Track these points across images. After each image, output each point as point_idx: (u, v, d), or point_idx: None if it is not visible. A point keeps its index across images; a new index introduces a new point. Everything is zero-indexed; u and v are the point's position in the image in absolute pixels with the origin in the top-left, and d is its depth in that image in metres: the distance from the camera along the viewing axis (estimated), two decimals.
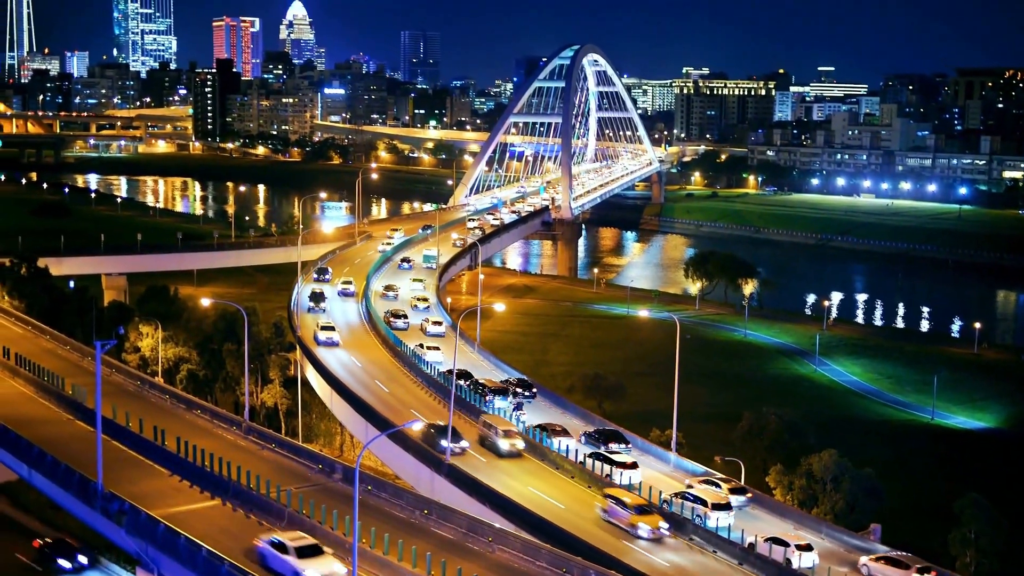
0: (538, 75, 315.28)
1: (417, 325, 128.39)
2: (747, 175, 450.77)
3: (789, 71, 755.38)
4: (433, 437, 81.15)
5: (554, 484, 76.60)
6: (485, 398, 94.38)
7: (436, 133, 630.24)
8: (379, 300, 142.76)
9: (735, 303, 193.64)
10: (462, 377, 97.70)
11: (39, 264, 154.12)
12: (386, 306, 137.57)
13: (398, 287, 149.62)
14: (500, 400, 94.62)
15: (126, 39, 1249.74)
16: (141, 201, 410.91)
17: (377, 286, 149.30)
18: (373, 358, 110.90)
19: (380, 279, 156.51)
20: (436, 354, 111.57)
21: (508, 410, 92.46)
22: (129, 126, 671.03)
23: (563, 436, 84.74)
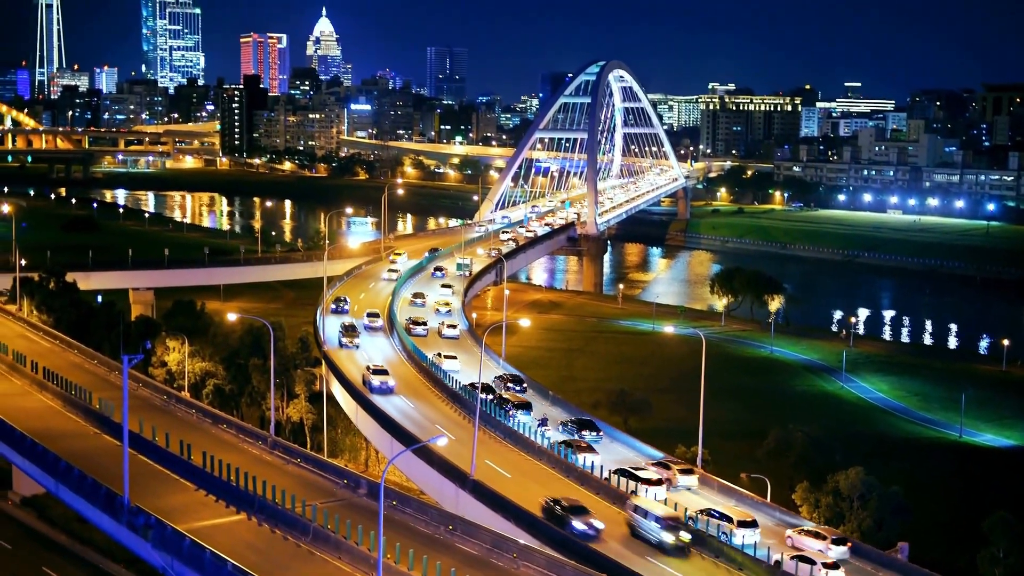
0: (564, 91, 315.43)
1: (436, 329, 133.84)
2: (773, 191, 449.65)
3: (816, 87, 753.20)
4: (559, 515, 71.08)
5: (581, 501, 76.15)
6: (508, 413, 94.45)
7: (462, 149, 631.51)
8: (407, 307, 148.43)
9: (761, 319, 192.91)
10: (484, 391, 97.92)
11: (67, 279, 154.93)
12: (412, 312, 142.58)
13: (426, 295, 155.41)
14: (523, 415, 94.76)
15: (155, 55, 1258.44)
16: (168, 216, 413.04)
17: (404, 311, 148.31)
18: (431, 406, 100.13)
19: (410, 287, 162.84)
20: (453, 363, 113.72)
21: (532, 425, 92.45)
22: (157, 142, 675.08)
23: (588, 453, 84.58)
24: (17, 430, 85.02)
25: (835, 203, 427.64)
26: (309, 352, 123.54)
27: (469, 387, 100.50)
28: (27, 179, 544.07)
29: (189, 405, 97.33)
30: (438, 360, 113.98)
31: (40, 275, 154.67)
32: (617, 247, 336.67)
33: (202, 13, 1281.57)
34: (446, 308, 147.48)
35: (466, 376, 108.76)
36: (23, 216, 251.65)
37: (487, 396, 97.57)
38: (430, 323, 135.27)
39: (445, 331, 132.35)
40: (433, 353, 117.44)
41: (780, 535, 73.99)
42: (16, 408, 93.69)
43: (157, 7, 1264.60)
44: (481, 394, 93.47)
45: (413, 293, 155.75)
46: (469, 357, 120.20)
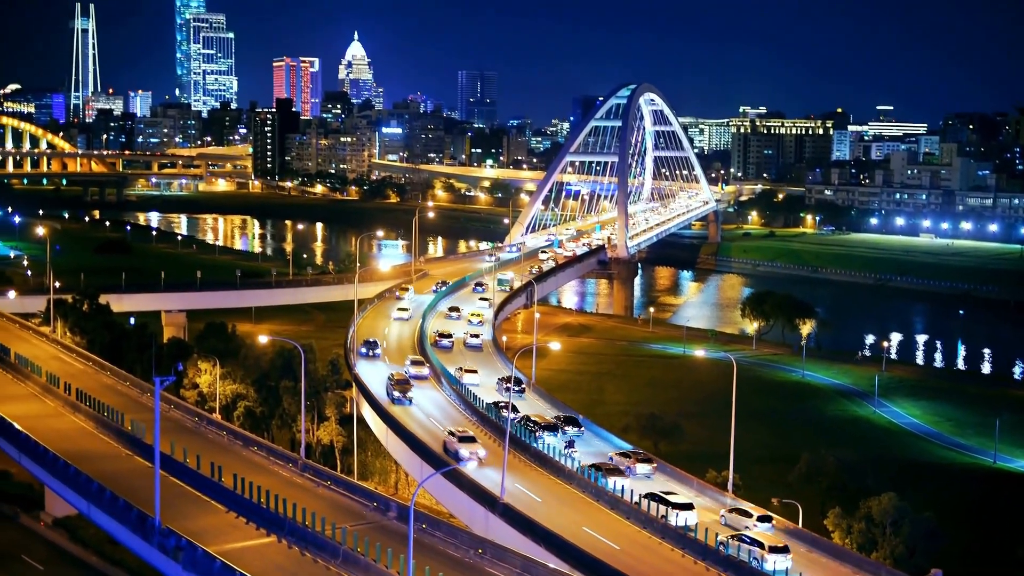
0: (595, 114, 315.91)
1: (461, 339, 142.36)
2: (805, 214, 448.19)
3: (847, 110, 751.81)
4: None
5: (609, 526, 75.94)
6: (535, 434, 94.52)
7: (492, 172, 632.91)
8: (441, 320, 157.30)
9: (792, 343, 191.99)
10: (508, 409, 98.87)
11: (100, 301, 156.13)
12: (443, 326, 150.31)
13: (461, 309, 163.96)
14: (550, 436, 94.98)
15: (188, 79, 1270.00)
16: (201, 239, 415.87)
17: (437, 324, 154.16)
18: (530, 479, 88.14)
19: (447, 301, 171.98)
20: (472, 377, 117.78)
21: (559, 446, 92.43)
22: (190, 165, 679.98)
23: (617, 476, 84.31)
24: (50, 451, 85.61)
25: (867, 227, 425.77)
26: (340, 374, 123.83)
27: (492, 406, 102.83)
28: (62, 202, 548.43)
29: (220, 427, 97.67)
30: (459, 374, 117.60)
31: (74, 297, 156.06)
32: (648, 270, 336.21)
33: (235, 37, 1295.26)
34: (478, 319, 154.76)
35: (486, 392, 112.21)
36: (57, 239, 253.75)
37: (513, 416, 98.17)
38: (457, 334, 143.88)
39: (469, 340, 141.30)
40: (455, 367, 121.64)
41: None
42: (49, 429, 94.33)
43: (191, 31, 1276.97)
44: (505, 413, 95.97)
45: (449, 307, 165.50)
46: (492, 371, 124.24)
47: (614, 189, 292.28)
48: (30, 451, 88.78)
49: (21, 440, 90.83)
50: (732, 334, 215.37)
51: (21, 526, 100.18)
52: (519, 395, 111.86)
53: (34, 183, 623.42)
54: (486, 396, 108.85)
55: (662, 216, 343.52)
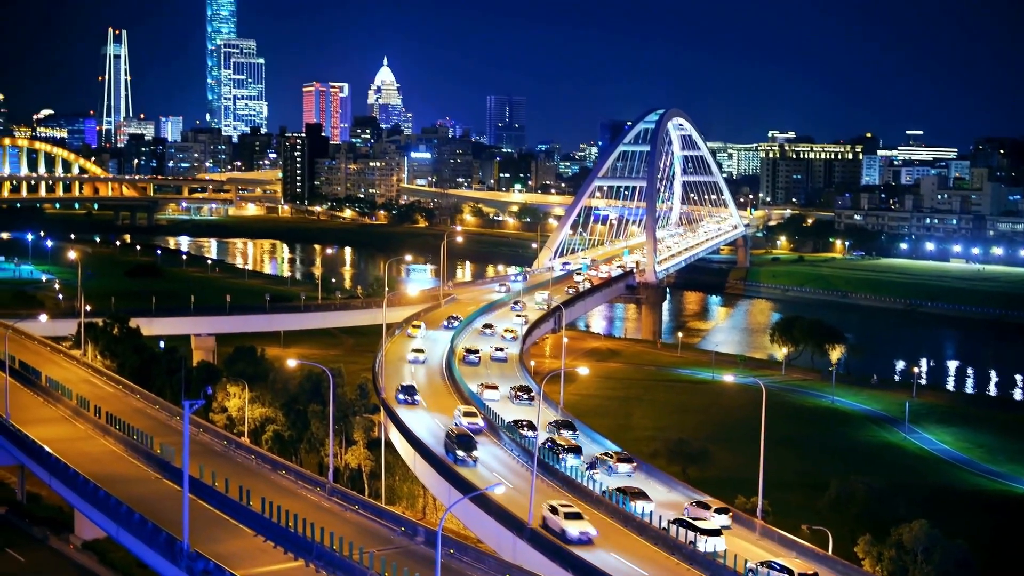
0: (623, 139, 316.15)
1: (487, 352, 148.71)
2: (834, 239, 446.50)
3: (877, 135, 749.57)
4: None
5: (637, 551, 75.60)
6: (559, 456, 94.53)
7: (521, 196, 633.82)
8: (476, 336, 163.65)
9: (822, 369, 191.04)
10: (528, 427, 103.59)
11: (131, 324, 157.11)
12: (474, 342, 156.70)
13: (495, 325, 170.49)
14: (573, 458, 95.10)
15: (219, 104, 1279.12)
16: (231, 263, 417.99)
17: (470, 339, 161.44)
18: None
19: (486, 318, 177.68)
20: (492, 392, 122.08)
21: (581, 468, 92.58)
22: (220, 189, 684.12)
23: (642, 499, 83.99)
24: (80, 474, 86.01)
25: (897, 252, 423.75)
26: (368, 399, 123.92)
27: (513, 424, 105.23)
28: (93, 226, 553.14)
29: (249, 451, 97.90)
30: (480, 391, 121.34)
31: (104, 321, 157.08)
32: (676, 295, 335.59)
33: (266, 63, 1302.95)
34: (511, 335, 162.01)
35: (505, 407, 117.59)
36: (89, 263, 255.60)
37: (529, 431, 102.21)
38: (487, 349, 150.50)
39: (494, 354, 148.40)
40: (477, 383, 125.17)
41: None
42: (79, 452, 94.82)
43: (222, 57, 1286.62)
44: (524, 431, 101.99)
45: (483, 324, 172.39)
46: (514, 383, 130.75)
47: (642, 214, 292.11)
48: (60, 474, 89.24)
49: (51, 463, 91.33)
50: (761, 359, 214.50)
51: (51, 548, 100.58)
52: (528, 403, 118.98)
53: (66, 207, 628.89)
54: (503, 411, 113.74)
55: (690, 241, 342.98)
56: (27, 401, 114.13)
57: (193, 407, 71.33)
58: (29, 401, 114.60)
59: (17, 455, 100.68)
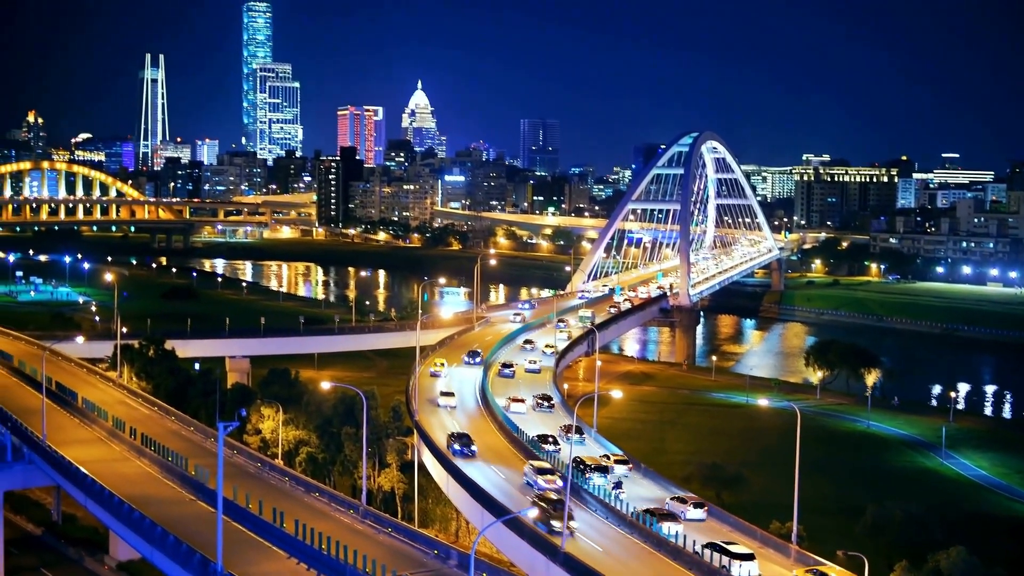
0: (656, 162, 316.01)
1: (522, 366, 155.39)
2: (869, 263, 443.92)
3: (912, 157, 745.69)
4: None
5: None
6: (585, 475, 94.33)
7: (554, 219, 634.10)
8: (518, 352, 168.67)
9: (857, 393, 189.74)
10: (547, 441, 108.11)
11: (166, 346, 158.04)
12: (514, 356, 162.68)
13: (535, 341, 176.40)
14: (599, 477, 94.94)
15: (254, 128, 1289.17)
16: (265, 285, 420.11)
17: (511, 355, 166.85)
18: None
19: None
20: (519, 405, 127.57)
21: (608, 487, 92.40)
22: (255, 212, 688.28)
23: (671, 520, 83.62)
24: (115, 495, 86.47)
25: (933, 275, 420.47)
26: (401, 421, 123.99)
27: (536, 438, 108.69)
28: (130, 249, 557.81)
29: (282, 473, 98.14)
30: (507, 404, 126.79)
31: (140, 343, 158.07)
32: (710, 318, 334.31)
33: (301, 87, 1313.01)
34: (551, 350, 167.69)
35: (530, 421, 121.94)
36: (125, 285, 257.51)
37: (556, 448, 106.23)
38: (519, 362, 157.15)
39: (528, 366, 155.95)
40: (505, 397, 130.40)
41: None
42: (115, 474, 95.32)
43: (258, 81, 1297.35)
44: (545, 445, 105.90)
45: (524, 340, 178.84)
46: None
47: (676, 237, 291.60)
48: (95, 495, 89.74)
49: (87, 484, 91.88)
50: (796, 383, 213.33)
51: (86, 569, 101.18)
52: (549, 410, 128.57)
53: (103, 230, 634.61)
54: (528, 422, 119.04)
55: (724, 264, 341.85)
56: (63, 422, 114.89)
57: (227, 429, 71.64)
58: (65, 422, 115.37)
59: (53, 476, 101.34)
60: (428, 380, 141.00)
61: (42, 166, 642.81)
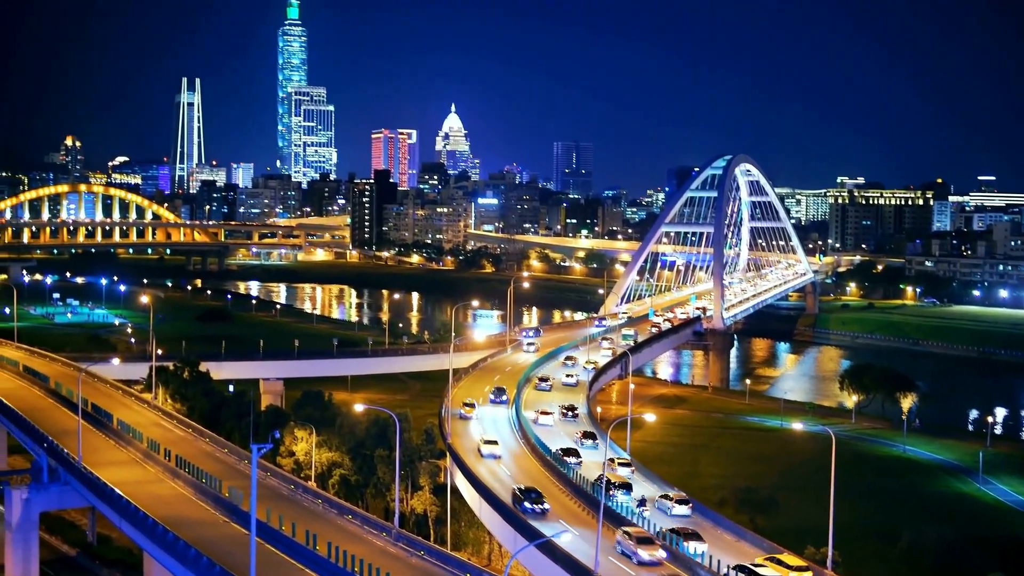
0: (690, 185, 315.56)
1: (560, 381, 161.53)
2: (905, 286, 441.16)
3: (948, 180, 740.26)
4: None
5: None
6: (608, 492, 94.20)
7: (587, 242, 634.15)
8: (559, 367, 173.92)
9: (893, 417, 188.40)
10: (568, 453, 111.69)
11: (201, 368, 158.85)
12: (554, 372, 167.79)
13: (577, 357, 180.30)
14: (623, 495, 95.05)
15: (289, 151, 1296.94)
16: (299, 308, 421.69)
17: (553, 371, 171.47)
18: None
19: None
20: (547, 418, 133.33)
21: (632, 504, 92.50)
22: (290, 235, 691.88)
23: (696, 540, 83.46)
24: (150, 517, 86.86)
25: (970, 299, 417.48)
26: (434, 444, 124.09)
27: (560, 452, 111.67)
28: (165, 271, 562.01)
29: (316, 495, 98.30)
30: (536, 417, 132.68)
31: (175, 364, 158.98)
32: (744, 342, 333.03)
33: (335, 110, 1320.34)
34: (591, 366, 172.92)
35: (556, 432, 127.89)
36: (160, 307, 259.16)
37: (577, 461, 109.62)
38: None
39: (564, 380, 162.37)
40: (535, 410, 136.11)
41: None
42: (149, 495, 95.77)
43: (292, 104, 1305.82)
44: (567, 458, 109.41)
45: (566, 356, 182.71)
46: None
47: (710, 260, 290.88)
48: (130, 516, 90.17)
49: (122, 505, 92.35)
50: (830, 407, 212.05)
51: None
52: (573, 420, 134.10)
53: (139, 253, 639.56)
54: (554, 435, 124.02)
55: (758, 287, 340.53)
56: (99, 443, 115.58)
57: (261, 451, 71.83)
58: (101, 443, 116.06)
59: (89, 497, 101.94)
60: (462, 424, 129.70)
61: (79, 189, 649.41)
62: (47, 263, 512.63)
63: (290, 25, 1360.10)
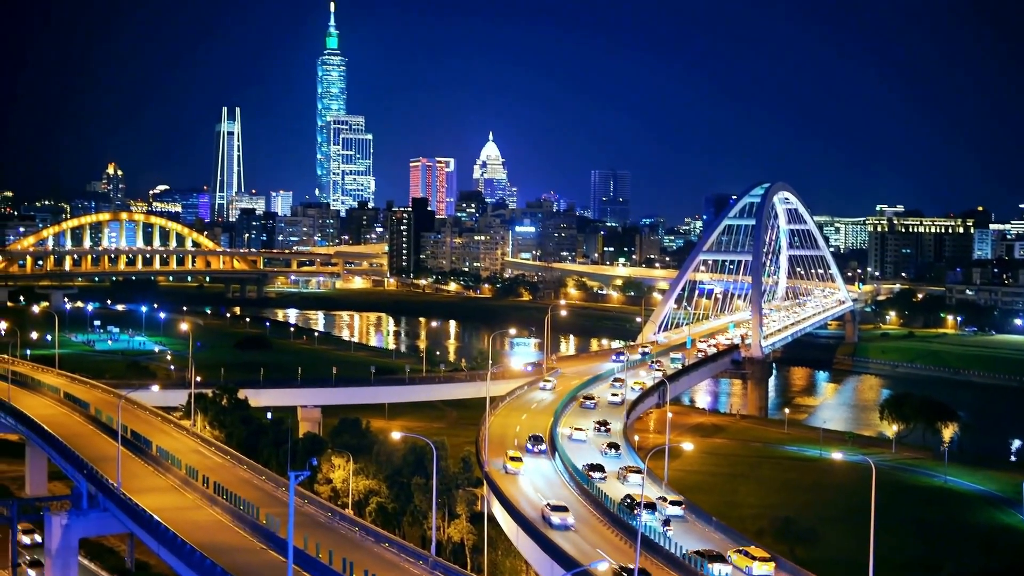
0: (728, 213, 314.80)
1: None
2: (945, 315, 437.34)
3: (988, 208, 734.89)
4: None
5: None
6: (633, 511, 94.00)
7: (625, 270, 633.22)
8: (607, 389, 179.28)
9: (933, 447, 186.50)
10: (598, 469, 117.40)
11: (239, 395, 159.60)
12: (603, 391, 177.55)
13: (624, 379, 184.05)
14: (647, 515, 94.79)
15: (328, 180, 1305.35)
16: (337, 335, 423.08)
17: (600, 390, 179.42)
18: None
19: None
20: (580, 434, 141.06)
21: (656, 524, 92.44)
22: (328, 263, 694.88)
23: (720, 562, 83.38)
24: (188, 544, 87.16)
25: (1011, 327, 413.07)
26: (471, 472, 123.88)
27: (587, 467, 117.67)
28: (205, 298, 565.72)
29: (352, 523, 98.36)
30: (571, 432, 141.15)
31: (214, 391, 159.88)
32: (782, 370, 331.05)
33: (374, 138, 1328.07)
34: (639, 386, 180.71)
35: (589, 446, 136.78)
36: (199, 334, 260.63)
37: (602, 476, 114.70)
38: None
39: (610, 398, 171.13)
40: (570, 428, 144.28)
41: None
42: (187, 521, 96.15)
43: (331, 133, 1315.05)
44: (593, 474, 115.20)
45: (614, 378, 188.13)
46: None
47: (748, 288, 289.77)
48: (169, 543, 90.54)
49: (160, 532, 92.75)
50: (870, 437, 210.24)
51: None
52: (606, 433, 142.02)
53: (179, 280, 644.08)
54: (584, 455, 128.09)
55: (797, 315, 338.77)
56: (138, 470, 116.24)
57: (298, 478, 72.00)
58: (140, 470, 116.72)
59: (127, 523, 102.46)
60: (508, 480, 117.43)
61: (121, 217, 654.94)
62: (88, 290, 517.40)
63: (329, 54, 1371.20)
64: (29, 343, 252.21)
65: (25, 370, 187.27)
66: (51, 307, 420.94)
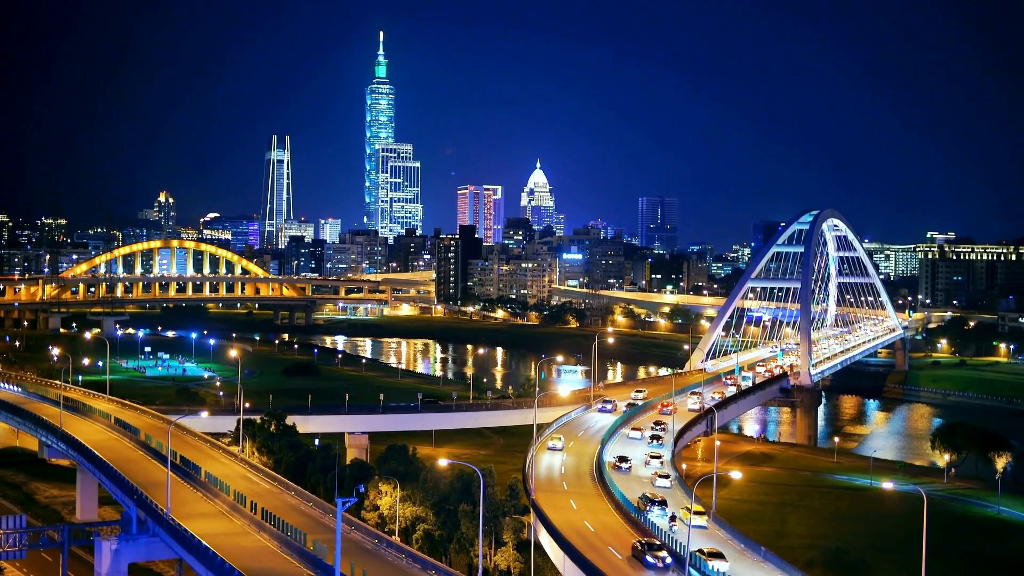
0: (776, 240, 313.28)
1: None
2: (997, 343, 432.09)
3: None
4: None
5: None
6: (644, 508, 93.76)
7: (672, 298, 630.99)
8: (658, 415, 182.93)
9: (986, 477, 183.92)
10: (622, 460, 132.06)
11: (287, 421, 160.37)
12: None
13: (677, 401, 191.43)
14: (658, 510, 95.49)
15: (376, 207, 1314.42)
16: (384, 362, 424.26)
17: None
18: None
19: None
20: (636, 433, 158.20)
21: (664, 524, 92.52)
22: (376, 290, 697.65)
23: (718, 560, 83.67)
24: (236, 570, 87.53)
25: None
26: (518, 499, 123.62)
27: (616, 460, 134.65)
28: (253, 325, 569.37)
29: (399, 550, 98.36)
30: (628, 431, 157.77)
31: (262, 418, 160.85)
32: (832, 398, 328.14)
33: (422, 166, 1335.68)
34: (695, 404, 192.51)
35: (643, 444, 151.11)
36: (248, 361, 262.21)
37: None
38: None
39: (661, 413, 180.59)
40: (629, 427, 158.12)
41: None
42: (235, 547, 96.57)
43: (380, 161, 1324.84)
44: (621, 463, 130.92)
45: (691, 392, 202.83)
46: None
47: (797, 316, 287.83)
48: (217, 568, 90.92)
49: (208, 557, 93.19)
50: (921, 466, 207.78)
51: None
52: (659, 445, 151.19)
53: (228, 307, 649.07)
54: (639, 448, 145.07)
55: (846, 343, 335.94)
56: (187, 496, 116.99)
57: (346, 505, 72.22)
58: (189, 496, 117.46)
59: (176, 549, 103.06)
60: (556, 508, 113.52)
61: (171, 244, 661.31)
62: (139, 317, 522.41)
63: (378, 83, 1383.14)
64: (81, 369, 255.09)
65: (77, 396, 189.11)
66: (103, 333, 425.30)
